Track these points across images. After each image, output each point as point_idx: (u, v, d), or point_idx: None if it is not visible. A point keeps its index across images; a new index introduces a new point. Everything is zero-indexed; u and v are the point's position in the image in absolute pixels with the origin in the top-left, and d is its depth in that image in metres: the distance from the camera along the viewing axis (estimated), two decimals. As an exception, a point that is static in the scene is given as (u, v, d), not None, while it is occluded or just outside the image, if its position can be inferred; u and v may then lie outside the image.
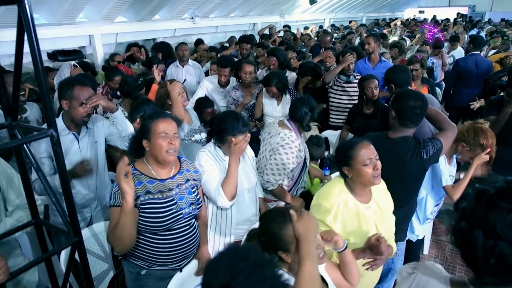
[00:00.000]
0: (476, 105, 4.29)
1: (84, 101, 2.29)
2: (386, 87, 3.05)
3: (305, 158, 2.73)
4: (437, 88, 5.03)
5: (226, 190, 2.10)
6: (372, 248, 1.78)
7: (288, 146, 2.60)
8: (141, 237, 1.88)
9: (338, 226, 1.83)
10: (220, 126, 2.15)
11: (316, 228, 1.39)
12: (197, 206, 2.00)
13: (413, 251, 2.77)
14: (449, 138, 2.22)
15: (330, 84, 4.05)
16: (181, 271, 2.00)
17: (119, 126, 2.55)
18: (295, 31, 8.96)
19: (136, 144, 1.93)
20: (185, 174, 2.01)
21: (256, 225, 1.66)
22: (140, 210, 1.81)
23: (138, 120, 2.61)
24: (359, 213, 1.87)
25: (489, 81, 4.48)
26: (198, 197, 2.03)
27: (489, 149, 2.42)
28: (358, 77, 3.87)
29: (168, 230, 1.89)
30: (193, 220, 2.04)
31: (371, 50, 4.49)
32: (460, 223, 0.95)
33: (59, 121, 2.34)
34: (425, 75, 4.60)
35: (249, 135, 2.18)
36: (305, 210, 1.48)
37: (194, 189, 2.01)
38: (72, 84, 2.31)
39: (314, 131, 3.65)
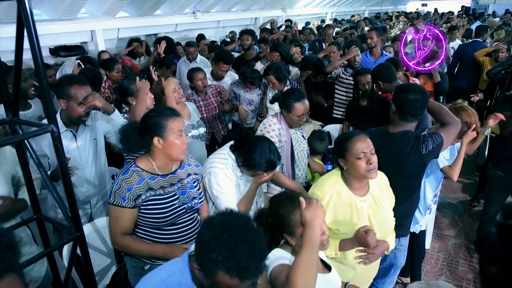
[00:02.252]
0: (475, 98, 4.42)
1: (82, 101, 2.26)
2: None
3: (292, 149, 2.69)
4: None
5: (241, 210, 2.10)
6: (360, 240, 1.76)
7: (266, 130, 2.63)
8: (144, 232, 1.89)
9: (329, 215, 1.84)
10: (252, 159, 2.02)
11: (322, 216, 1.43)
12: (200, 200, 2.01)
13: (418, 244, 2.76)
14: (452, 132, 2.19)
15: (334, 76, 4.03)
16: None
17: (116, 128, 2.44)
18: (299, 26, 8.92)
19: (139, 140, 1.85)
20: (186, 168, 2.00)
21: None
22: (143, 207, 1.81)
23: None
24: (352, 205, 1.88)
25: (489, 76, 4.46)
26: (200, 191, 2.03)
27: (474, 125, 2.54)
28: None
29: (172, 225, 1.90)
30: (196, 215, 2.04)
31: (373, 44, 4.44)
32: (490, 268, 0.81)
33: (57, 118, 2.34)
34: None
35: (278, 167, 2.15)
36: (313, 198, 1.52)
37: (196, 183, 2.01)
38: (70, 83, 2.26)
39: (316, 127, 3.65)
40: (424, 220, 2.73)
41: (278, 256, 1.48)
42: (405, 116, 2.16)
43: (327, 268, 1.65)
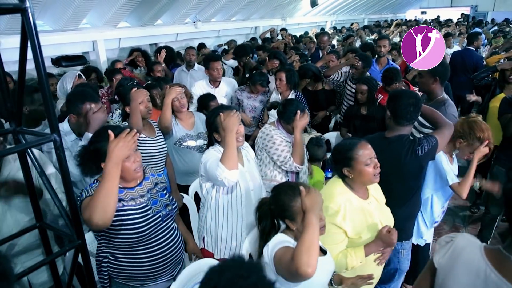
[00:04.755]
0: (472, 98, 4.38)
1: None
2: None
3: None
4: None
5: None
6: (384, 240, 1.84)
7: (269, 136, 2.70)
8: (127, 255, 1.85)
9: (348, 225, 1.86)
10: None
11: (320, 203, 1.57)
12: (173, 207, 2.00)
13: (422, 255, 2.74)
14: (445, 135, 2.23)
15: (332, 82, 4.06)
16: (174, 279, 1.95)
17: None
18: (296, 34, 8.98)
19: (92, 166, 1.81)
20: (151, 179, 1.99)
21: None
22: (119, 222, 1.75)
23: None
24: (364, 209, 1.92)
25: (474, 81, 4.50)
26: (171, 197, 2.03)
27: (487, 141, 2.42)
28: None
29: (151, 238, 1.86)
30: (174, 224, 2.02)
31: (384, 53, 4.46)
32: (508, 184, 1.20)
33: (65, 125, 2.38)
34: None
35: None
36: (312, 187, 1.63)
37: (165, 191, 2.01)
38: (82, 101, 2.32)
39: (315, 135, 3.68)
40: (429, 234, 2.70)
41: (281, 240, 1.59)
42: (400, 121, 2.23)
43: (322, 252, 1.74)
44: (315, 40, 8.42)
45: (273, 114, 3.63)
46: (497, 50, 5.82)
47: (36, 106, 2.82)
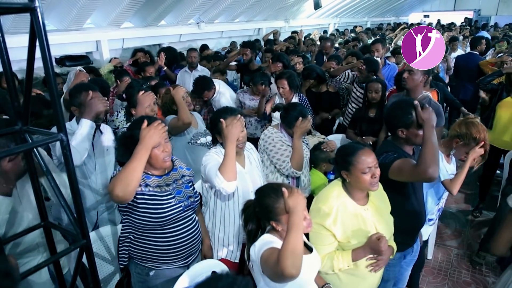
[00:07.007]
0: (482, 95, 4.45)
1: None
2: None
3: None
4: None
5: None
6: (373, 247, 1.82)
7: (270, 139, 2.72)
8: (147, 237, 1.93)
9: (338, 228, 1.85)
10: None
11: (303, 203, 1.55)
12: (195, 199, 2.07)
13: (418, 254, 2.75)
14: (410, 170, 1.96)
15: (336, 83, 4.07)
16: (188, 268, 2.03)
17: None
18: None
19: (126, 151, 1.88)
20: (179, 171, 2.07)
21: None
22: (143, 205, 1.86)
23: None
24: (358, 215, 1.90)
25: (479, 85, 4.50)
26: (195, 190, 2.11)
27: (482, 142, 2.49)
28: None
29: (172, 224, 1.94)
30: (194, 215, 2.09)
31: (379, 56, 4.48)
32: None
33: (73, 124, 2.40)
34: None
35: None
36: (294, 187, 1.64)
37: (190, 184, 2.09)
38: (79, 91, 2.38)
39: (319, 139, 3.68)
40: (425, 231, 2.70)
41: (267, 241, 1.60)
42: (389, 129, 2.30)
43: (309, 249, 1.75)
44: (317, 43, 8.44)
45: (276, 116, 3.63)
46: (502, 54, 5.81)
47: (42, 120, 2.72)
